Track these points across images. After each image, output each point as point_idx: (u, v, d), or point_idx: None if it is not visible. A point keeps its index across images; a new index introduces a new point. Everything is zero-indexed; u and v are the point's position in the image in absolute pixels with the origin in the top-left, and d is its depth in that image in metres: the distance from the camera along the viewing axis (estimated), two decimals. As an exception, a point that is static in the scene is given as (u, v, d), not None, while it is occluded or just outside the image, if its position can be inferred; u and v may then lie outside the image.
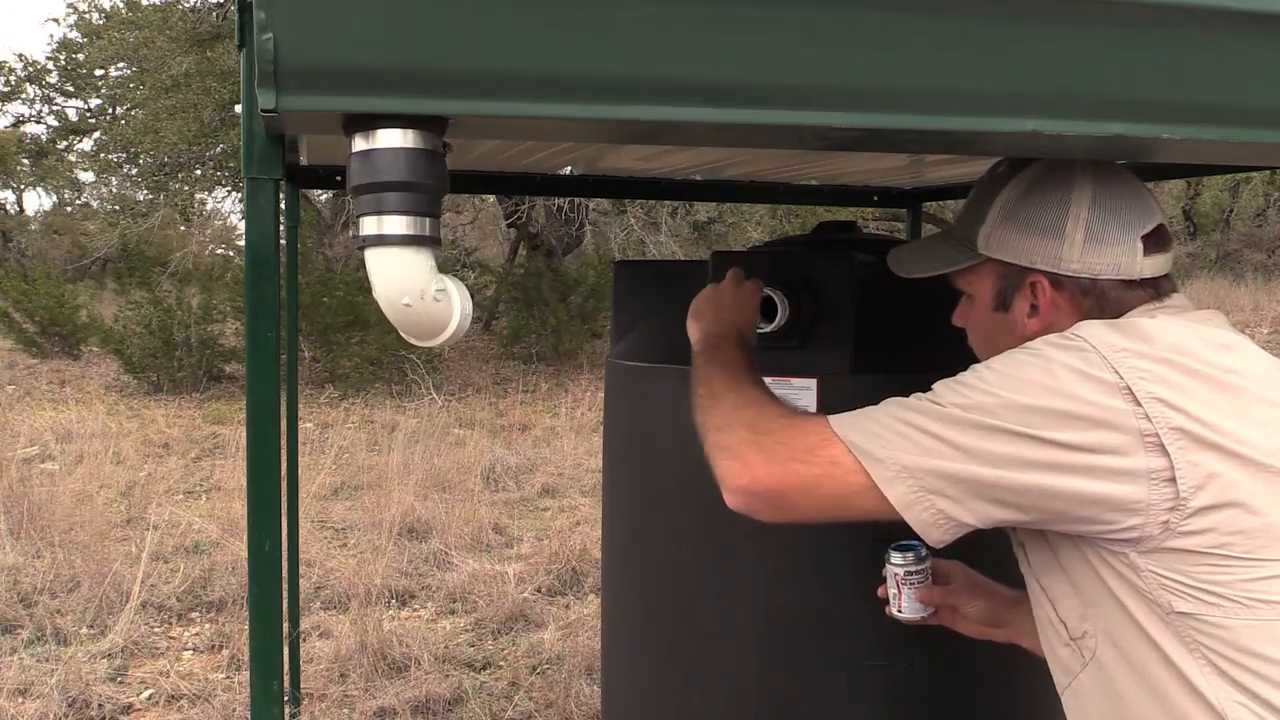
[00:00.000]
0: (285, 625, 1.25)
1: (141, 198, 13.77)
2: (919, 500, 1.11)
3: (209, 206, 15.67)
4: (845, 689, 1.78)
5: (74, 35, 17.82)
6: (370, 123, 0.95)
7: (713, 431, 1.26)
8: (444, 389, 9.43)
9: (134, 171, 13.12)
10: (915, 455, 1.11)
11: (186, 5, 11.27)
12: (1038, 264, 1.25)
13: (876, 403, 1.20)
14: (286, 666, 2.73)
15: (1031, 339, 1.20)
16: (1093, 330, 1.15)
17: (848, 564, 1.71)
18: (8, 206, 21.24)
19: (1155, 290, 1.25)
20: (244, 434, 1.07)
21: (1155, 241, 1.25)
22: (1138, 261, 1.24)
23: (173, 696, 3.49)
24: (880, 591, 1.53)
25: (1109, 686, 1.16)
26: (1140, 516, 1.08)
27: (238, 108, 2.99)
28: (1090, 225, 1.24)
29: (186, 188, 11.85)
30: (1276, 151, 1.20)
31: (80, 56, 17.68)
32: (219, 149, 10.59)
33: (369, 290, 1.05)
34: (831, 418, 1.18)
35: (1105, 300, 1.24)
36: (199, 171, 11.37)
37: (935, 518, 1.12)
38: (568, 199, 10.47)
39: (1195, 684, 1.09)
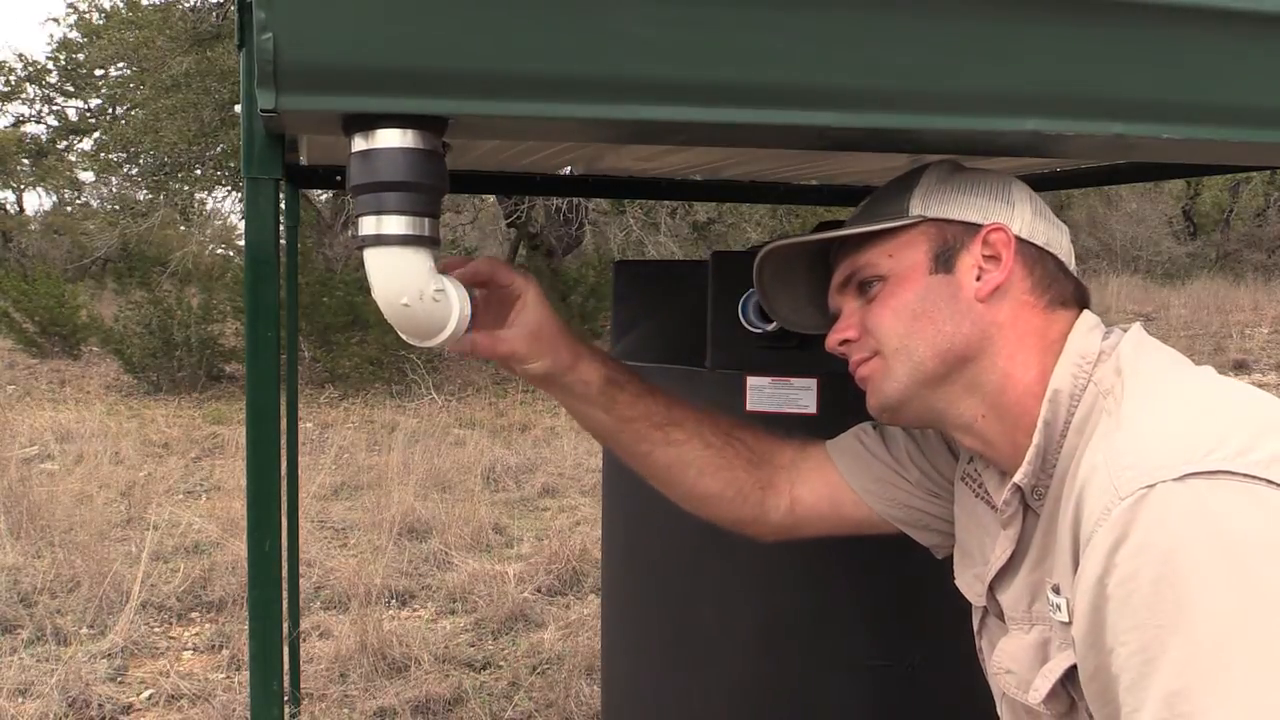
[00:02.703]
0: (285, 625, 1.25)
1: (141, 198, 13.78)
2: None
3: (209, 206, 15.68)
4: (845, 689, 1.78)
5: (74, 35, 17.82)
6: (370, 122, 0.95)
7: None
8: (444, 389, 9.43)
9: (134, 171, 13.12)
10: None
11: (186, 5, 11.27)
12: (990, 220, 1.13)
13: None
14: (286, 666, 2.73)
15: (981, 304, 1.10)
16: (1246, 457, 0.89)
17: (847, 564, 1.71)
18: (8, 206, 21.24)
19: (1082, 291, 1.17)
20: (244, 434, 1.07)
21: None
22: (1071, 255, 1.18)
23: (173, 696, 3.49)
24: None
25: None
26: None
27: (238, 108, 2.99)
28: (1033, 203, 1.17)
29: (186, 188, 11.85)
30: (1276, 151, 1.20)
31: (80, 56, 17.67)
32: (219, 149, 10.59)
33: (369, 290, 1.04)
34: None
35: (1048, 280, 1.13)
36: (199, 171, 11.37)
37: None
38: (567, 199, 10.47)
39: None
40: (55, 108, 19.29)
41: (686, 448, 1.32)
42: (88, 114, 18.26)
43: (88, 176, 18.91)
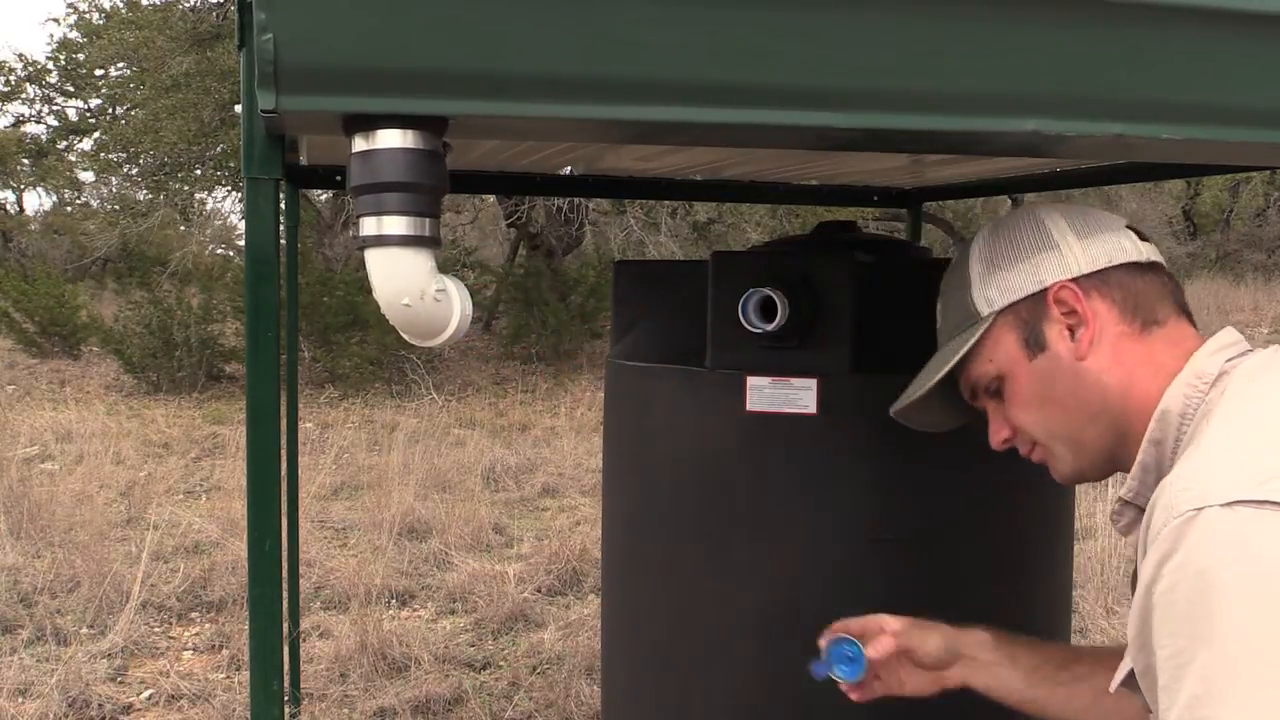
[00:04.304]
0: (285, 625, 1.25)
1: (141, 198, 13.77)
2: None
3: (209, 206, 15.68)
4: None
5: (74, 35, 17.82)
6: (370, 123, 0.95)
7: None
8: (444, 389, 9.43)
9: (134, 171, 13.12)
10: None
11: (186, 5, 11.28)
12: (1049, 280, 1.17)
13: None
14: (286, 666, 2.73)
15: (1084, 361, 1.14)
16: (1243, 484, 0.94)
17: (848, 564, 1.71)
18: (8, 206, 21.21)
19: (1167, 275, 1.19)
20: (244, 434, 1.07)
21: (1138, 233, 1.22)
22: (1136, 244, 1.19)
23: (173, 696, 3.49)
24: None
25: None
26: None
27: (238, 108, 2.99)
28: (1074, 226, 1.19)
29: (186, 188, 11.86)
30: (1276, 151, 1.20)
31: (80, 56, 17.68)
32: (219, 149, 10.59)
33: (369, 290, 1.05)
34: None
35: (1127, 291, 1.16)
36: (199, 171, 11.38)
37: None
38: (568, 199, 10.47)
39: None
40: (55, 108, 19.31)
41: (1100, 674, 1.30)
42: (88, 114, 18.26)
43: (88, 176, 18.92)
